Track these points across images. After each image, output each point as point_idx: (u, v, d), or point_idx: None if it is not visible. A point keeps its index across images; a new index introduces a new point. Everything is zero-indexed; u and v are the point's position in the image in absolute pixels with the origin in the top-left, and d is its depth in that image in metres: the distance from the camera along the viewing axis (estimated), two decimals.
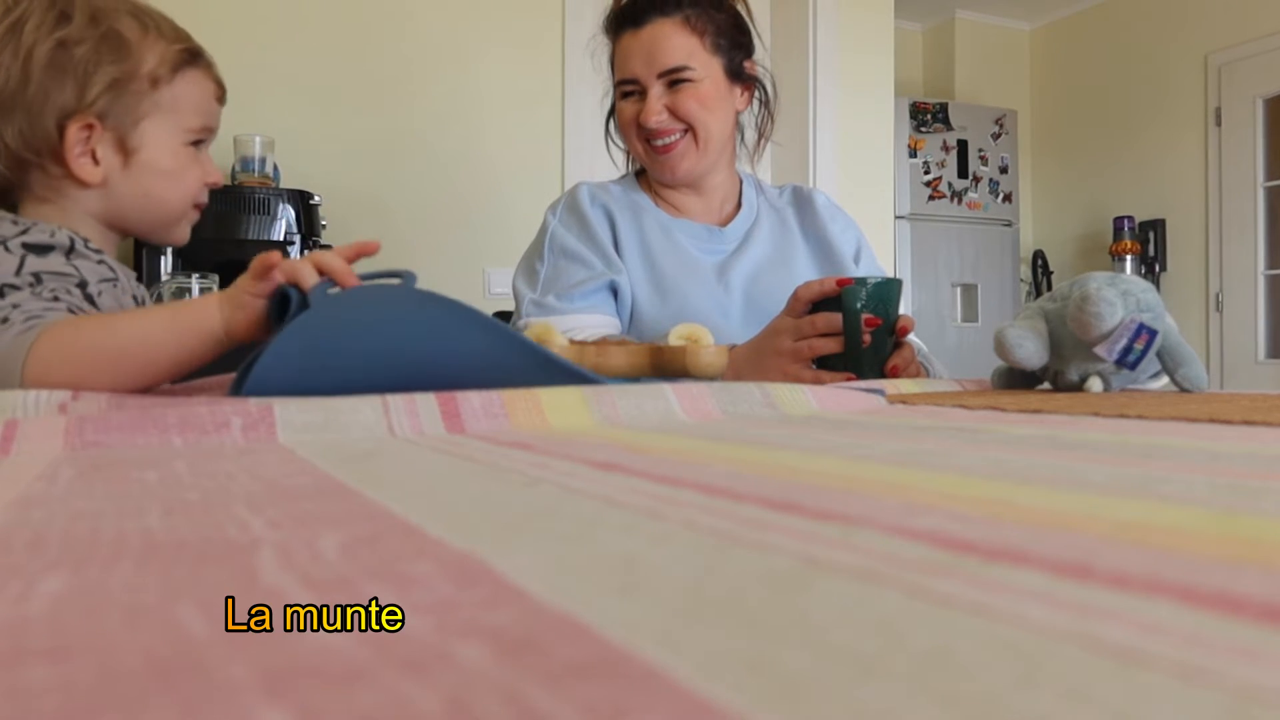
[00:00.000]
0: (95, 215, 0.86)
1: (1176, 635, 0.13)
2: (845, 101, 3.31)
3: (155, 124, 0.85)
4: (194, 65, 0.87)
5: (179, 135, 0.86)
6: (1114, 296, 0.81)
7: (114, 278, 0.82)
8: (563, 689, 0.11)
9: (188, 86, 0.86)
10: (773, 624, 0.14)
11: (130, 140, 0.84)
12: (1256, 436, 0.42)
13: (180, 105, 0.86)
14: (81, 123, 0.81)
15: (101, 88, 0.81)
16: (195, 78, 0.87)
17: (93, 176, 0.83)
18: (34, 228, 0.78)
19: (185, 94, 0.86)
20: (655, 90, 1.19)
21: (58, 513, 0.25)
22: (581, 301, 1.18)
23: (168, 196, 0.87)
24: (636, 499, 0.26)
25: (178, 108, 0.85)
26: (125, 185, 0.85)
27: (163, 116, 0.85)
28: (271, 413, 0.46)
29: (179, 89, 0.85)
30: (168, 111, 0.85)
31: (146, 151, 0.85)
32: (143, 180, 0.85)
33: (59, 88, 0.80)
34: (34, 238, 0.77)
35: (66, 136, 0.81)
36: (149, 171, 0.85)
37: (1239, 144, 4.44)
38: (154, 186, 0.86)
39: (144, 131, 0.84)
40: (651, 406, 0.56)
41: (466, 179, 2.82)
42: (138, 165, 0.85)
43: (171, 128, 0.86)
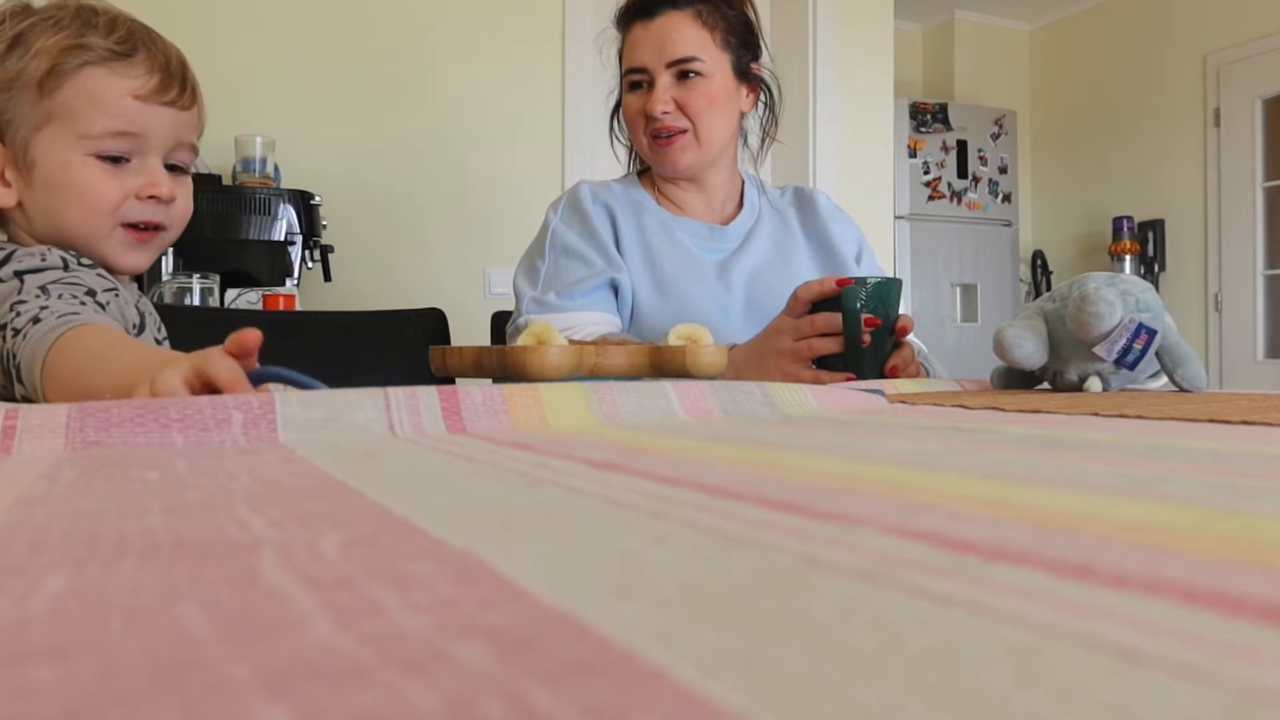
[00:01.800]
0: (43, 240, 0.78)
1: (1176, 635, 0.13)
2: (845, 101, 3.31)
3: (48, 136, 0.76)
4: (100, 65, 0.75)
5: (77, 145, 0.76)
6: (1113, 296, 0.81)
7: (114, 288, 0.77)
8: (563, 688, 0.11)
9: (88, 88, 0.75)
10: (772, 623, 0.14)
11: (26, 157, 0.76)
12: (1256, 436, 0.42)
13: (75, 113, 0.75)
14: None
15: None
16: (99, 77, 0.75)
17: (5, 200, 0.77)
18: (18, 253, 0.73)
19: (80, 100, 0.75)
20: (664, 80, 1.19)
21: (59, 512, 0.25)
22: (582, 299, 1.19)
23: (70, 218, 0.77)
24: (636, 499, 0.26)
25: (71, 116, 0.75)
26: (35, 208, 0.77)
27: (56, 127, 0.75)
28: (273, 409, 0.46)
29: (71, 94, 0.75)
30: (62, 119, 0.75)
31: (40, 168, 0.76)
32: (43, 200, 0.77)
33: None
34: (24, 264, 0.72)
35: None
36: (46, 190, 0.76)
37: (1238, 144, 4.44)
38: (54, 207, 0.77)
39: (37, 145, 0.76)
40: (652, 404, 0.56)
41: (467, 179, 2.82)
42: (38, 182, 0.76)
43: (64, 139, 0.76)
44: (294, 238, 2.19)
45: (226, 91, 2.39)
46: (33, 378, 0.62)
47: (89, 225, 0.77)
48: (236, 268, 2.06)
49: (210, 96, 0.87)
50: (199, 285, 1.82)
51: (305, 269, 2.25)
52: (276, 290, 2.00)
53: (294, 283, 2.16)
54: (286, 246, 2.17)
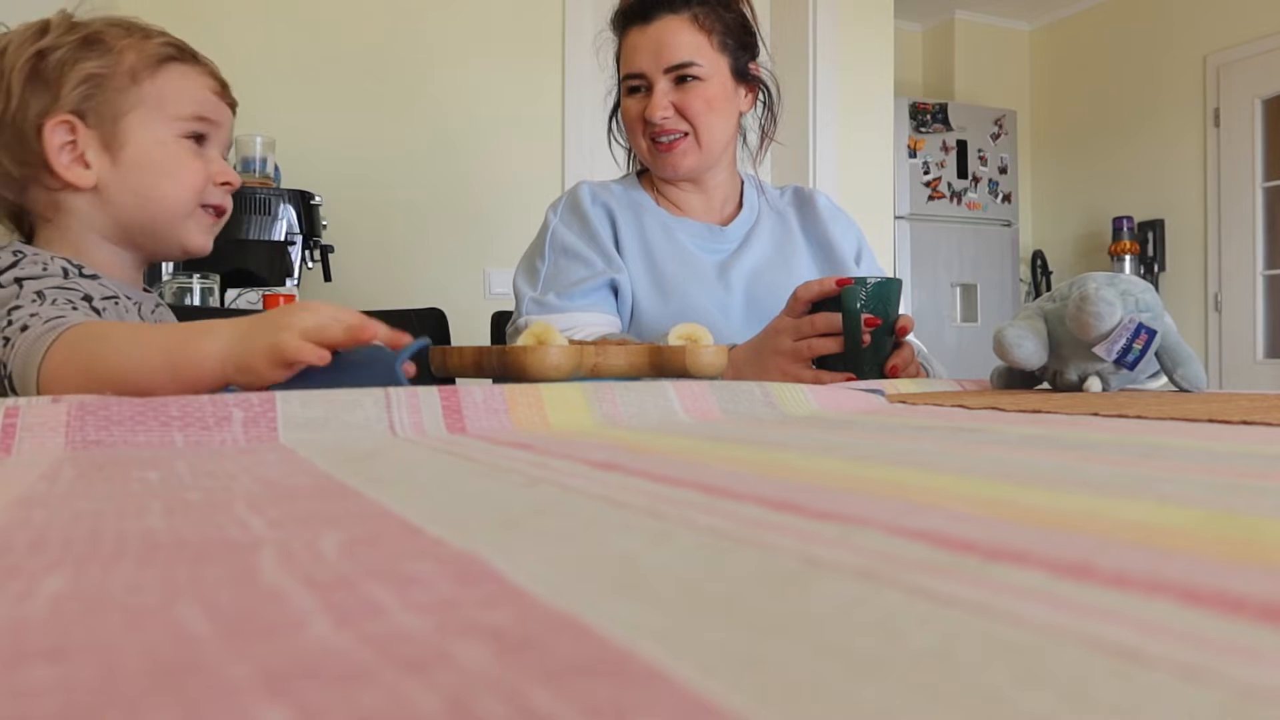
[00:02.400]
0: (101, 231, 0.84)
1: (1176, 635, 0.13)
2: (845, 101, 3.31)
3: (140, 118, 0.82)
4: (181, 61, 0.84)
5: (168, 127, 0.83)
6: (1113, 296, 0.81)
7: (113, 295, 0.80)
8: (563, 688, 0.11)
9: (174, 80, 0.84)
10: (772, 623, 0.14)
11: (116, 137, 0.81)
12: (1256, 436, 0.42)
13: (166, 98, 0.83)
14: (56, 119, 0.79)
15: (74, 84, 0.79)
16: (183, 71, 0.84)
17: (84, 180, 0.81)
18: (25, 259, 0.76)
19: (171, 87, 0.83)
20: (662, 86, 1.19)
21: (59, 512, 0.25)
22: (582, 300, 1.18)
23: (165, 193, 0.83)
24: (636, 498, 0.26)
25: (164, 101, 0.83)
26: (119, 187, 0.82)
27: (147, 111, 0.82)
28: (273, 407, 0.46)
29: (162, 82, 0.83)
30: (153, 106, 0.82)
31: (133, 147, 0.82)
32: (134, 178, 0.82)
33: (36, 94, 0.79)
34: (25, 271, 0.75)
35: (45, 138, 0.79)
36: (139, 168, 0.82)
37: (1238, 144, 4.44)
38: (146, 184, 0.83)
39: (129, 127, 0.81)
40: (653, 404, 0.56)
41: (467, 179, 2.82)
42: (126, 163, 0.82)
43: (158, 120, 0.83)
44: (294, 238, 2.18)
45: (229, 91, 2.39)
46: (27, 388, 0.63)
47: (179, 200, 0.84)
48: (237, 268, 2.06)
49: None
50: (199, 285, 1.82)
51: (305, 269, 2.25)
52: (277, 290, 2.00)
53: (294, 283, 2.16)
54: (287, 246, 2.17)
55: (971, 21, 5.26)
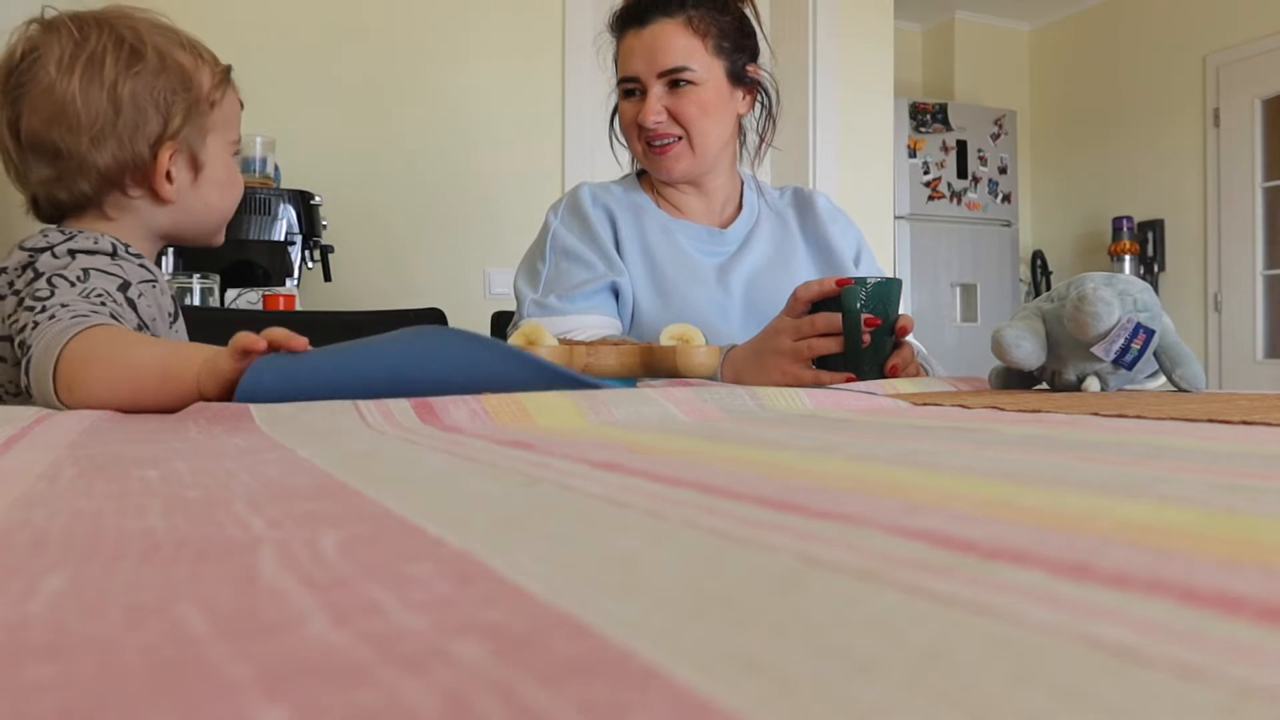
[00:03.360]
0: (155, 229, 0.95)
1: (1175, 634, 0.13)
2: (845, 101, 3.31)
3: (214, 140, 0.95)
4: (230, 84, 0.97)
5: (228, 148, 0.97)
6: (1111, 296, 0.81)
7: (153, 279, 0.90)
8: (561, 687, 0.11)
9: (231, 103, 0.97)
10: (771, 623, 0.14)
11: (200, 157, 0.94)
12: (1255, 436, 0.43)
13: (229, 121, 0.97)
14: (170, 148, 0.91)
15: (181, 116, 0.91)
16: (232, 95, 0.98)
17: (170, 193, 0.93)
18: (79, 235, 0.86)
19: (229, 110, 0.96)
20: (655, 90, 1.19)
21: (59, 511, 0.25)
22: (583, 302, 1.18)
23: (224, 204, 0.98)
24: (636, 498, 0.26)
25: (226, 123, 0.96)
26: (193, 199, 0.95)
27: (218, 133, 0.95)
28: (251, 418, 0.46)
29: (226, 106, 0.96)
30: (220, 128, 0.96)
31: (210, 166, 0.95)
32: (205, 192, 0.96)
33: (144, 118, 0.90)
34: (79, 244, 0.85)
35: (159, 160, 0.91)
36: (211, 184, 0.96)
37: (1237, 144, 4.44)
38: (214, 197, 0.97)
39: (207, 148, 0.94)
40: (649, 411, 0.56)
41: (467, 179, 2.82)
42: (204, 180, 0.95)
43: (224, 141, 0.96)
44: (294, 238, 2.18)
45: None
46: (45, 381, 0.70)
47: (230, 211, 0.99)
48: (237, 267, 2.06)
49: None
50: (199, 285, 1.82)
51: (305, 269, 2.25)
52: (277, 290, 2.00)
53: (294, 283, 2.16)
54: (286, 246, 2.17)
55: (971, 21, 5.26)
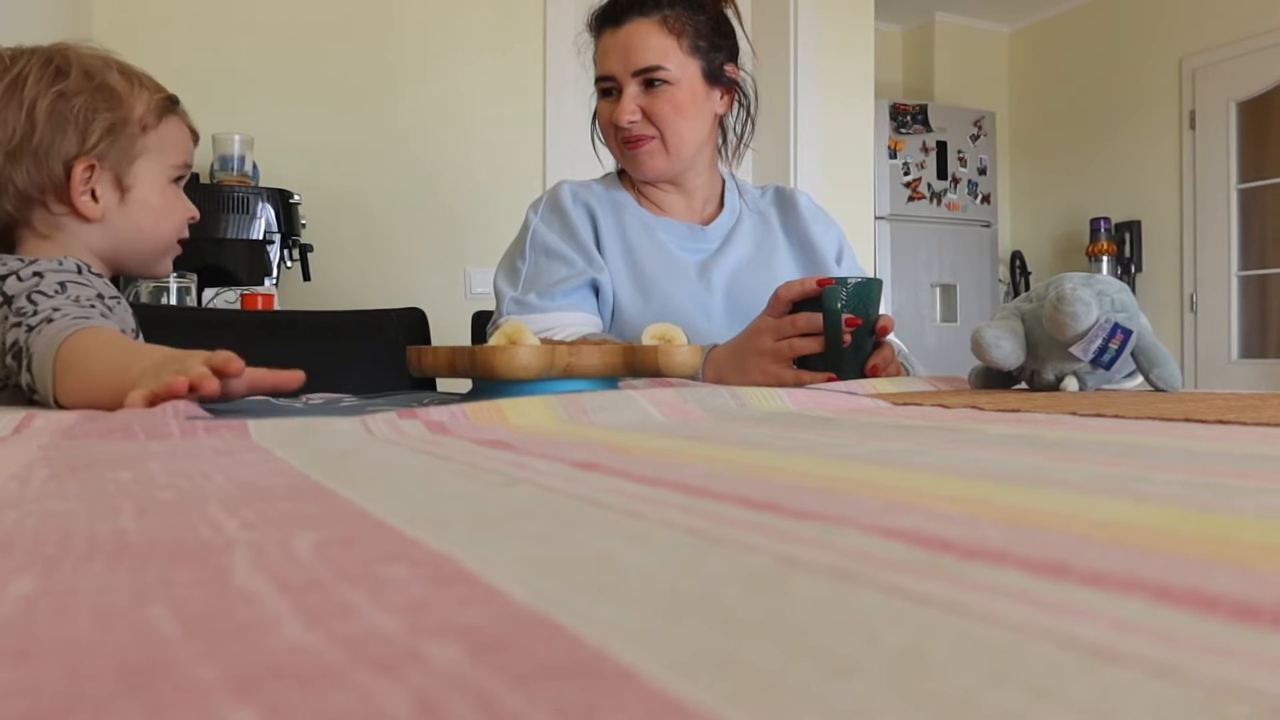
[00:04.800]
0: (93, 249, 0.94)
1: (1150, 633, 0.13)
2: (826, 102, 3.32)
3: (145, 164, 0.93)
4: (174, 112, 0.96)
5: (165, 173, 0.95)
6: (1089, 297, 0.81)
7: (118, 297, 0.91)
8: (533, 689, 0.11)
9: (170, 130, 0.95)
10: (748, 623, 0.14)
11: (125, 179, 0.92)
12: (1230, 435, 0.43)
13: (165, 146, 0.95)
14: (84, 164, 0.89)
15: (100, 133, 0.89)
16: (175, 122, 0.97)
17: (94, 212, 0.91)
18: (40, 260, 0.86)
19: (169, 137, 0.95)
20: (630, 90, 1.20)
21: (29, 513, 0.24)
22: (563, 300, 1.18)
23: (158, 231, 0.96)
24: (615, 499, 0.26)
25: (163, 149, 0.94)
26: (122, 221, 0.93)
27: (151, 157, 0.94)
28: None
29: (164, 132, 0.94)
30: (155, 152, 0.94)
31: (139, 189, 0.93)
32: (136, 215, 0.94)
33: (62, 135, 0.89)
34: (43, 266, 0.84)
35: (72, 177, 0.89)
36: (141, 207, 0.94)
37: (1213, 146, 4.48)
38: (146, 221, 0.95)
39: (136, 171, 0.93)
40: (629, 415, 0.56)
41: (448, 178, 2.81)
42: (131, 202, 0.93)
43: (159, 167, 0.95)
44: (273, 236, 2.17)
45: (205, 88, 2.37)
46: (44, 373, 0.72)
47: (163, 237, 0.97)
48: (214, 267, 2.04)
49: (189, 93, 1.03)
50: (176, 284, 1.81)
51: (284, 268, 2.24)
52: (255, 289, 1.99)
53: (273, 282, 2.14)
54: (265, 245, 2.15)
55: (951, 23, 5.29)
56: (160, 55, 2.35)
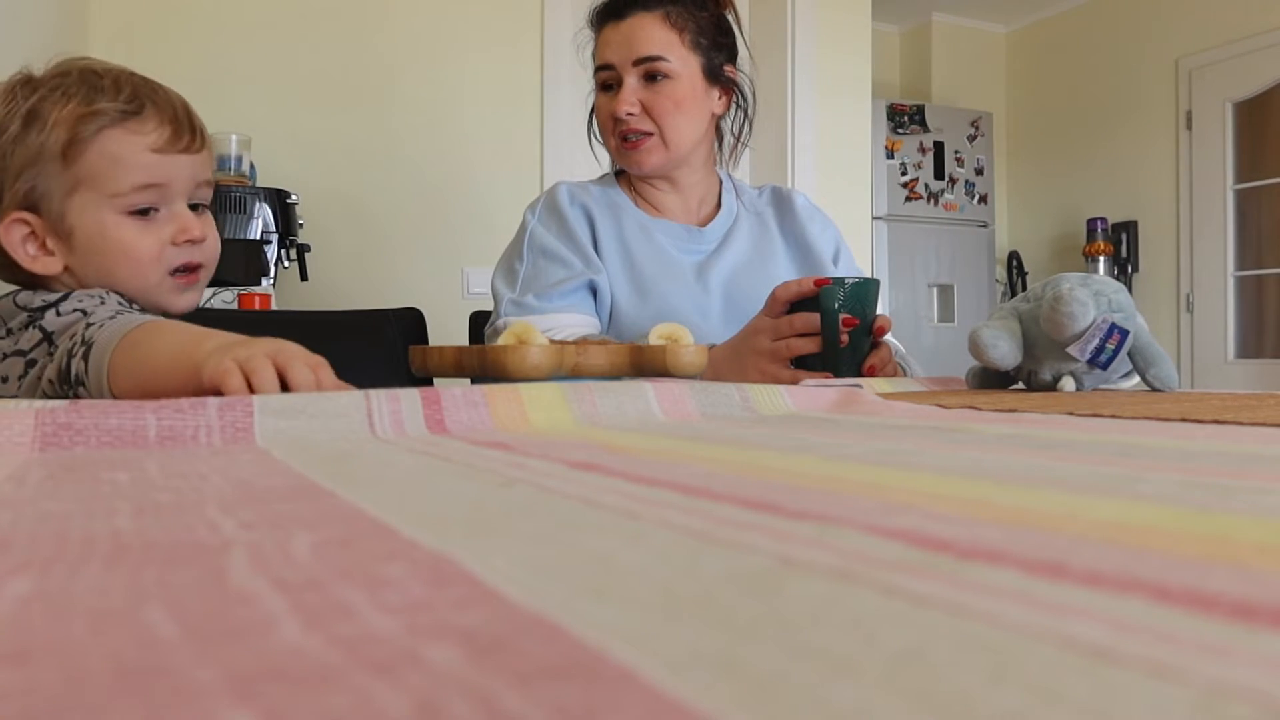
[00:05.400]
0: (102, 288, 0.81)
1: (1148, 633, 0.13)
2: (823, 103, 3.33)
3: (80, 202, 0.77)
4: (117, 124, 0.76)
5: (109, 205, 0.77)
6: (1086, 297, 0.82)
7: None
8: (533, 690, 0.11)
9: (109, 151, 0.76)
10: (746, 624, 0.14)
11: (64, 223, 0.77)
12: (1227, 435, 0.43)
13: (101, 176, 0.76)
14: (9, 219, 0.75)
15: (15, 174, 0.75)
16: (118, 138, 0.76)
17: (50, 269, 0.77)
18: (75, 293, 0.76)
19: (105, 162, 0.76)
20: (630, 81, 1.20)
21: (25, 514, 0.24)
22: (560, 301, 1.18)
23: (122, 275, 0.79)
24: (613, 499, 0.26)
25: (99, 179, 0.76)
26: (82, 270, 0.79)
27: (85, 192, 0.76)
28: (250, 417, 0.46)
29: (94, 158, 0.76)
30: (90, 186, 0.76)
31: (79, 233, 0.77)
32: (90, 262, 0.78)
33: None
34: (86, 303, 0.75)
35: (3, 239, 0.75)
36: (90, 253, 0.78)
37: (1209, 147, 4.48)
38: (103, 268, 0.78)
39: (71, 212, 0.77)
40: (632, 407, 0.56)
41: (445, 178, 2.81)
42: (79, 248, 0.77)
43: (97, 202, 0.77)
44: (270, 236, 2.17)
45: (202, 88, 2.35)
46: (100, 364, 0.63)
47: (138, 279, 0.80)
48: None
49: (185, 93, 0.87)
50: None
51: (281, 268, 2.23)
52: (252, 290, 1.99)
53: (270, 282, 2.14)
54: (262, 245, 2.15)
55: (948, 24, 5.29)
56: (157, 55, 2.34)
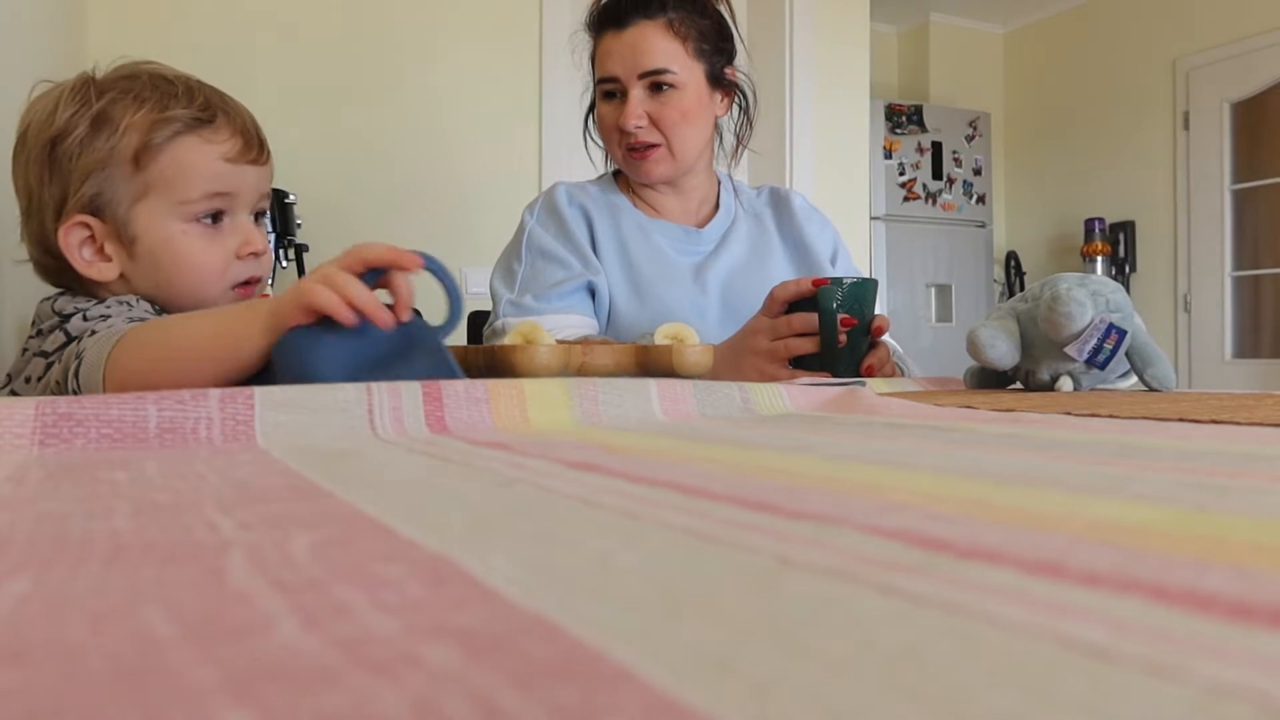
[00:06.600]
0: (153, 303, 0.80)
1: (1146, 633, 0.13)
2: (821, 103, 3.33)
3: (148, 208, 0.76)
4: (191, 131, 0.77)
5: (178, 213, 0.77)
6: (1084, 297, 0.82)
7: None
8: (532, 690, 0.11)
9: (181, 158, 0.76)
10: (745, 623, 0.14)
11: (128, 229, 0.76)
12: (1225, 435, 0.43)
13: (172, 182, 0.76)
14: (69, 223, 0.74)
15: (81, 178, 0.74)
16: (192, 145, 0.77)
17: (107, 275, 0.76)
18: (111, 300, 0.76)
19: (176, 168, 0.76)
20: (636, 93, 1.18)
21: (24, 515, 0.24)
22: (559, 302, 1.18)
23: (184, 287, 0.78)
24: (612, 499, 0.26)
25: (170, 186, 0.76)
26: (140, 278, 0.77)
27: (155, 198, 0.76)
28: (252, 406, 0.46)
29: (166, 163, 0.75)
30: (160, 192, 0.76)
31: (144, 240, 0.76)
32: (151, 271, 0.77)
33: (50, 190, 0.75)
34: (111, 305, 0.74)
35: (61, 241, 0.74)
36: (153, 262, 0.77)
37: (1207, 147, 4.49)
38: (164, 278, 0.77)
39: (137, 218, 0.76)
40: (633, 405, 0.56)
41: (443, 178, 2.80)
42: (141, 255, 0.76)
43: (166, 208, 0.76)
44: (268, 236, 2.16)
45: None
46: (94, 373, 0.61)
47: (201, 294, 0.79)
48: None
49: None
50: None
51: (280, 268, 2.23)
52: None
53: (269, 282, 2.14)
54: None
55: (946, 24, 5.29)
56: (155, 54, 2.34)
